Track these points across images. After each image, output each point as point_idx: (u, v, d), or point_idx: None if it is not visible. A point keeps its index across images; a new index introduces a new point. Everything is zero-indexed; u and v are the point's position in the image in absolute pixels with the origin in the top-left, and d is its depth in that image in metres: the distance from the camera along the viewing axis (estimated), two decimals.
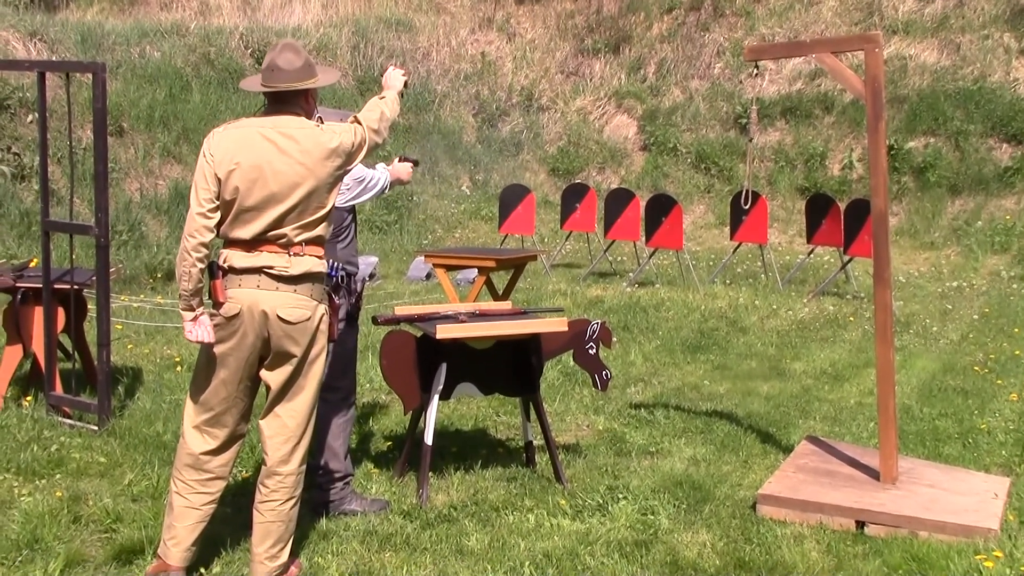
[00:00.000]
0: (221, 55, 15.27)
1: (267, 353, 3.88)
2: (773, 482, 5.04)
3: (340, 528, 4.56)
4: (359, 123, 4.06)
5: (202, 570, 4.06)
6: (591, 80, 19.21)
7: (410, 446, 5.28)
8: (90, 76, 6.29)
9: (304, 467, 4.04)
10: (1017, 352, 8.41)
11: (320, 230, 3.92)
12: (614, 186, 15.58)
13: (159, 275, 10.88)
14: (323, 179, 3.84)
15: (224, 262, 3.84)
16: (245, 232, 3.80)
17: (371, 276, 11.50)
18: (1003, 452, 5.84)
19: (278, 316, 3.80)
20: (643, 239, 12.32)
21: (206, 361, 3.92)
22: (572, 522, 4.72)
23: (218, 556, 4.20)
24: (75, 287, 6.21)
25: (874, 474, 5.11)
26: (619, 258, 13.74)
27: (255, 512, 3.97)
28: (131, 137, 12.90)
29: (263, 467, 3.98)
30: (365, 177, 4.82)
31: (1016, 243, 14.20)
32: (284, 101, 3.90)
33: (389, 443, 5.78)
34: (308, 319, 3.86)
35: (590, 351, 5.49)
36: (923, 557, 4.29)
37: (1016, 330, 9.36)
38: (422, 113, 17.26)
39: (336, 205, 4.13)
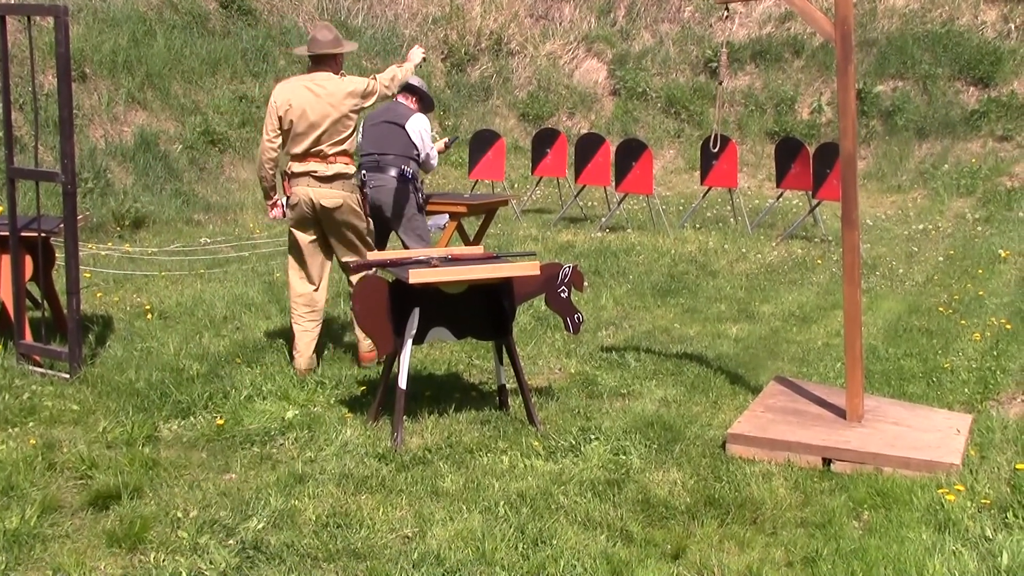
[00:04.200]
0: None
1: (325, 227, 5.98)
2: (742, 422, 5.13)
3: (316, 471, 4.60)
4: (374, 79, 6.00)
5: (179, 515, 4.10)
6: (560, 24, 19.04)
7: (384, 390, 5.32)
8: (51, 20, 6.16)
9: None
10: (980, 293, 8.55)
11: (346, 146, 5.96)
12: (584, 131, 15.53)
13: (127, 223, 10.74)
14: (343, 111, 5.88)
15: (289, 170, 5.97)
16: (299, 149, 5.91)
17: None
18: (965, 390, 5.96)
19: (320, 204, 5.90)
20: (613, 184, 12.33)
21: (290, 236, 6.11)
22: (545, 463, 4.78)
23: (196, 501, 4.25)
24: (43, 235, 6.15)
25: (841, 413, 5.21)
26: (590, 203, 13.75)
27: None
28: (94, 83, 12.67)
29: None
30: (428, 142, 7.23)
31: (981, 186, 14.35)
32: (321, 61, 5.96)
33: (363, 388, 5.81)
34: (340, 206, 5.92)
35: (562, 295, 5.52)
36: (887, 492, 4.40)
37: (980, 271, 9.50)
38: (390, 57, 17.04)
39: (418, 147, 7.14)
